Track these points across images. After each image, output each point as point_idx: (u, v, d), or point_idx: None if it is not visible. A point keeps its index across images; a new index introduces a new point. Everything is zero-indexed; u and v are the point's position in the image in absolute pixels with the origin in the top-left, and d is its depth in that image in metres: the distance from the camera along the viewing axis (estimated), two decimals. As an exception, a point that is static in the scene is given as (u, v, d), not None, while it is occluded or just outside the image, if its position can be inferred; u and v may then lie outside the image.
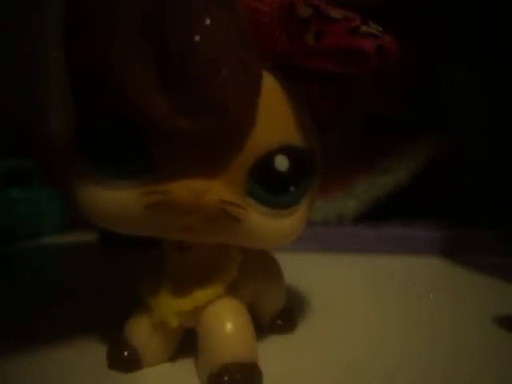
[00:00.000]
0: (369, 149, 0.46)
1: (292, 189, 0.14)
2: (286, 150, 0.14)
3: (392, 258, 0.37)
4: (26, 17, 0.53)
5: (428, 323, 0.22)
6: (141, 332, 0.16)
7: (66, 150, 0.15)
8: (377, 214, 0.42)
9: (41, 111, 0.55)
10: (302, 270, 0.30)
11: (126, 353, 0.16)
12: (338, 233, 0.40)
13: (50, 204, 0.47)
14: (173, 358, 0.17)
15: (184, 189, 0.13)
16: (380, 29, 0.13)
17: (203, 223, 0.13)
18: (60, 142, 0.50)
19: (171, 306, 0.15)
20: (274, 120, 0.14)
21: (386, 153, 0.45)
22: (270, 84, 0.14)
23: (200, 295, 0.15)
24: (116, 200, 0.14)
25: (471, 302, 0.25)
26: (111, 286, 0.28)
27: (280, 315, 0.20)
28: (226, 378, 0.14)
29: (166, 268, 0.16)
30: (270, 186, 0.14)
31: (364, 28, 0.13)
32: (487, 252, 0.37)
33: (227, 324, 0.15)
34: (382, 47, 0.12)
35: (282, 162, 0.14)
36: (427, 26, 0.46)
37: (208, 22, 0.12)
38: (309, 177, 0.15)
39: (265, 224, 0.14)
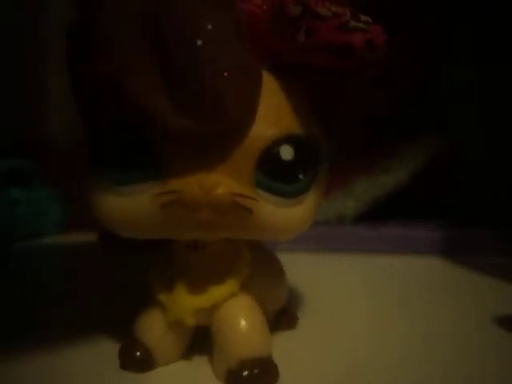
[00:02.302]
0: (369, 149, 0.46)
1: (300, 177, 0.15)
2: (289, 139, 0.14)
3: (392, 258, 0.37)
4: (26, 17, 0.53)
5: (428, 323, 0.22)
6: (153, 331, 0.16)
7: (74, 159, 0.16)
8: (377, 214, 0.42)
9: (41, 111, 0.55)
10: (302, 269, 0.30)
11: (138, 353, 0.16)
12: (337, 233, 0.40)
13: (50, 204, 0.47)
14: (185, 356, 0.17)
15: (195, 185, 0.13)
16: (369, 20, 0.13)
17: (217, 217, 0.13)
18: (60, 142, 0.50)
19: (188, 305, 0.15)
20: (275, 113, 0.14)
21: (385, 153, 0.45)
22: (269, 81, 0.15)
23: (216, 293, 0.15)
24: (131, 206, 0.14)
25: (471, 302, 0.25)
26: (111, 286, 0.28)
27: (281, 313, 0.20)
28: (245, 374, 0.14)
29: (177, 267, 0.16)
30: (278, 176, 0.14)
31: (353, 23, 0.13)
32: (487, 252, 0.37)
33: (244, 320, 0.15)
34: (370, 41, 0.13)
35: (287, 151, 0.14)
36: (427, 26, 0.46)
37: (209, 25, 0.12)
38: (315, 165, 0.15)
39: (277, 214, 0.15)
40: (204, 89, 0.12)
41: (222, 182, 0.13)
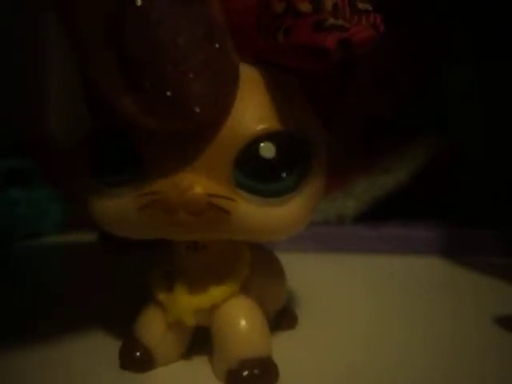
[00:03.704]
0: (369, 149, 0.46)
1: (284, 175, 0.14)
2: (270, 136, 0.14)
3: (392, 258, 0.37)
4: (26, 16, 0.53)
5: (428, 323, 0.22)
6: (153, 331, 0.16)
7: (74, 159, 0.16)
8: (377, 214, 0.42)
9: (41, 111, 0.55)
10: (302, 269, 0.30)
11: (138, 353, 0.16)
12: (337, 233, 0.40)
13: (50, 204, 0.47)
14: (185, 356, 0.17)
15: (170, 186, 0.13)
16: (369, 8, 0.13)
17: (193, 218, 0.13)
18: (60, 142, 0.50)
19: (188, 305, 0.15)
20: (255, 110, 0.14)
21: (385, 153, 0.45)
22: (251, 77, 0.14)
23: (216, 293, 0.15)
24: (117, 207, 0.14)
25: (471, 302, 0.25)
26: (111, 286, 0.28)
27: (281, 313, 0.20)
28: (245, 374, 0.14)
29: (177, 268, 0.16)
30: (259, 175, 0.14)
31: (331, 21, 0.12)
32: (487, 252, 0.37)
33: (244, 320, 0.15)
34: (346, 40, 0.12)
35: (267, 149, 0.14)
36: (427, 26, 0.46)
37: (170, 23, 0.12)
38: (303, 163, 0.14)
39: (260, 214, 0.14)
40: (167, 89, 0.12)
41: (197, 183, 0.13)
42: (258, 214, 0.14)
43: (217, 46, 0.13)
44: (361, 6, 0.13)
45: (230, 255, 0.16)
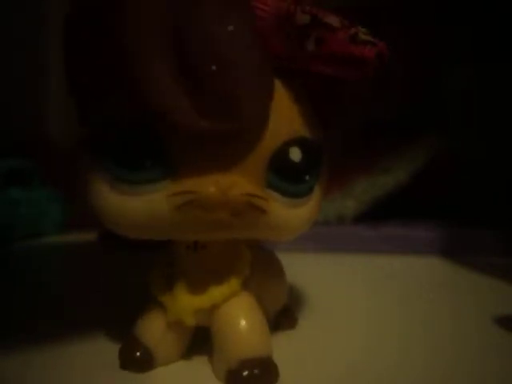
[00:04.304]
0: (369, 149, 0.46)
1: (307, 178, 0.15)
2: (297, 141, 0.15)
3: (392, 258, 0.37)
4: (26, 17, 0.53)
5: (428, 323, 0.22)
6: (153, 331, 0.16)
7: (74, 158, 0.16)
8: (377, 214, 0.42)
9: (41, 111, 0.55)
10: (302, 269, 0.30)
11: (138, 353, 0.16)
12: (337, 233, 0.40)
13: (50, 204, 0.47)
14: (185, 356, 0.17)
15: (211, 185, 0.13)
16: (371, 35, 0.14)
17: (232, 218, 0.13)
18: (60, 142, 0.50)
19: (188, 305, 0.15)
20: (284, 115, 0.15)
21: (385, 153, 0.45)
22: (277, 83, 0.15)
23: (216, 293, 0.15)
24: (144, 206, 0.14)
25: (471, 302, 0.25)
26: (111, 286, 0.28)
27: (281, 313, 0.20)
28: (245, 374, 0.14)
29: (178, 268, 0.16)
30: (287, 177, 0.15)
31: (362, 36, 0.13)
32: (487, 252, 0.37)
33: (244, 320, 0.15)
34: (380, 53, 0.13)
35: (295, 153, 0.15)
36: (427, 27, 0.46)
37: (229, 28, 0.12)
38: (318, 167, 0.16)
39: (286, 214, 0.15)
40: (222, 90, 0.12)
41: (236, 183, 0.13)
42: (284, 214, 0.15)
43: (261, 48, 0.13)
44: (363, 37, 0.13)
45: (230, 255, 0.16)
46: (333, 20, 0.13)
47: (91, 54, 0.14)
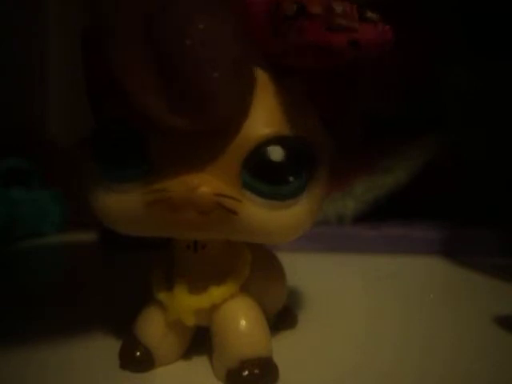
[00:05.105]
0: (369, 149, 0.46)
1: (291, 179, 0.14)
2: (279, 140, 0.14)
3: (392, 257, 0.37)
4: (26, 17, 0.53)
5: (428, 323, 0.22)
6: (153, 331, 0.16)
7: (74, 158, 0.16)
8: (377, 214, 0.42)
9: (41, 111, 0.55)
10: (302, 269, 0.30)
11: (138, 353, 0.16)
12: (338, 233, 0.40)
13: (49, 204, 0.47)
14: (185, 356, 0.17)
15: (179, 184, 0.13)
16: (375, 18, 0.13)
17: (200, 217, 0.13)
18: (60, 142, 0.50)
19: (188, 305, 0.15)
20: (266, 113, 0.14)
21: (385, 153, 0.45)
22: (262, 80, 0.14)
23: (216, 293, 0.15)
24: (124, 203, 0.14)
25: (471, 302, 0.25)
26: (111, 285, 0.28)
27: (281, 313, 0.20)
28: (245, 374, 0.15)
29: (177, 267, 0.16)
30: (266, 177, 0.14)
31: (341, 21, 0.12)
32: (487, 252, 0.37)
33: (244, 320, 0.15)
34: (357, 41, 0.12)
35: (276, 153, 0.14)
36: (426, 26, 0.46)
37: (201, 24, 0.12)
38: (309, 168, 0.15)
39: (265, 216, 0.14)
40: (194, 88, 0.12)
41: (206, 182, 0.13)
42: (264, 216, 0.14)
43: (241, 47, 0.13)
44: (369, 15, 0.13)
45: (230, 255, 0.16)
46: (317, 7, 0.13)
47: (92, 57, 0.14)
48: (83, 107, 0.16)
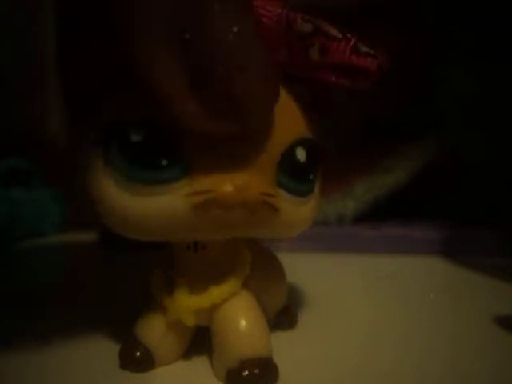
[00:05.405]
0: (369, 149, 0.46)
1: (311, 177, 0.16)
2: (302, 142, 0.15)
3: (392, 257, 0.37)
4: (25, 17, 0.53)
5: (428, 323, 0.22)
6: (153, 331, 0.16)
7: (74, 158, 0.16)
8: (377, 214, 0.42)
9: (41, 111, 0.55)
10: (302, 269, 0.30)
11: (138, 353, 0.16)
12: (337, 233, 0.40)
13: (49, 204, 0.47)
14: (185, 356, 0.17)
15: (228, 184, 0.13)
16: (371, 51, 0.14)
17: (248, 216, 0.14)
18: (60, 142, 0.50)
19: (188, 304, 0.15)
20: (290, 118, 0.15)
21: (385, 153, 0.45)
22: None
23: (216, 292, 0.16)
24: (159, 207, 0.14)
25: (471, 301, 0.25)
26: (111, 286, 0.28)
27: (281, 313, 0.20)
28: (245, 374, 0.15)
29: (178, 267, 0.16)
30: (295, 176, 0.15)
31: (363, 48, 0.14)
32: (487, 252, 0.37)
33: (244, 320, 0.15)
34: (380, 66, 0.14)
35: (301, 153, 0.15)
36: (426, 29, 0.46)
37: (238, 30, 0.12)
38: (318, 167, 0.16)
39: (294, 212, 0.15)
40: (228, 92, 0.12)
41: (252, 182, 0.14)
42: (292, 212, 0.15)
43: (268, 52, 0.13)
44: (363, 49, 0.14)
45: (230, 255, 0.16)
46: (332, 30, 0.14)
47: (99, 54, 0.14)
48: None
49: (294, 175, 0.15)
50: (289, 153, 0.15)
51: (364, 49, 0.14)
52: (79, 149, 0.15)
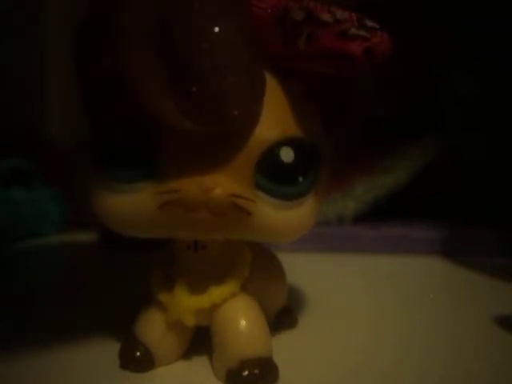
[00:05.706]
0: (369, 149, 0.46)
1: (300, 179, 0.15)
2: (290, 141, 0.14)
3: (392, 257, 0.37)
4: (25, 17, 0.53)
5: (428, 323, 0.22)
6: (153, 331, 0.16)
7: (77, 158, 0.16)
8: (377, 214, 0.42)
9: (41, 111, 0.55)
10: (302, 269, 0.30)
11: (138, 353, 0.16)
12: (338, 233, 0.40)
13: (50, 204, 0.47)
14: (185, 356, 0.17)
15: (193, 185, 0.13)
16: (376, 26, 0.13)
17: (214, 218, 0.13)
18: (60, 142, 0.50)
19: (188, 305, 0.15)
20: (276, 115, 0.14)
21: (385, 153, 0.45)
22: (271, 83, 0.14)
23: (216, 293, 0.16)
24: (131, 204, 0.14)
25: (471, 301, 0.25)
26: (111, 286, 0.28)
27: (281, 313, 0.20)
28: (245, 374, 0.15)
29: (178, 267, 0.16)
30: (278, 178, 0.14)
31: (354, 30, 0.13)
32: (487, 252, 0.37)
33: (244, 320, 0.15)
34: (369, 49, 0.13)
35: (287, 154, 0.14)
36: (426, 29, 0.46)
37: (217, 30, 0.12)
38: (315, 168, 0.15)
39: (276, 216, 0.15)
40: (209, 92, 0.12)
41: (220, 183, 0.13)
42: (275, 216, 0.14)
43: (254, 52, 0.13)
44: (369, 24, 0.13)
45: (230, 255, 0.16)
46: (327, 15, 0.13)
47: (92, 58, 0.14)
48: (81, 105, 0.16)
49: (277, 177, 0.14)
50: (271, 153, 0.14)
51: (355, 32, 0.13)
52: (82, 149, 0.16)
